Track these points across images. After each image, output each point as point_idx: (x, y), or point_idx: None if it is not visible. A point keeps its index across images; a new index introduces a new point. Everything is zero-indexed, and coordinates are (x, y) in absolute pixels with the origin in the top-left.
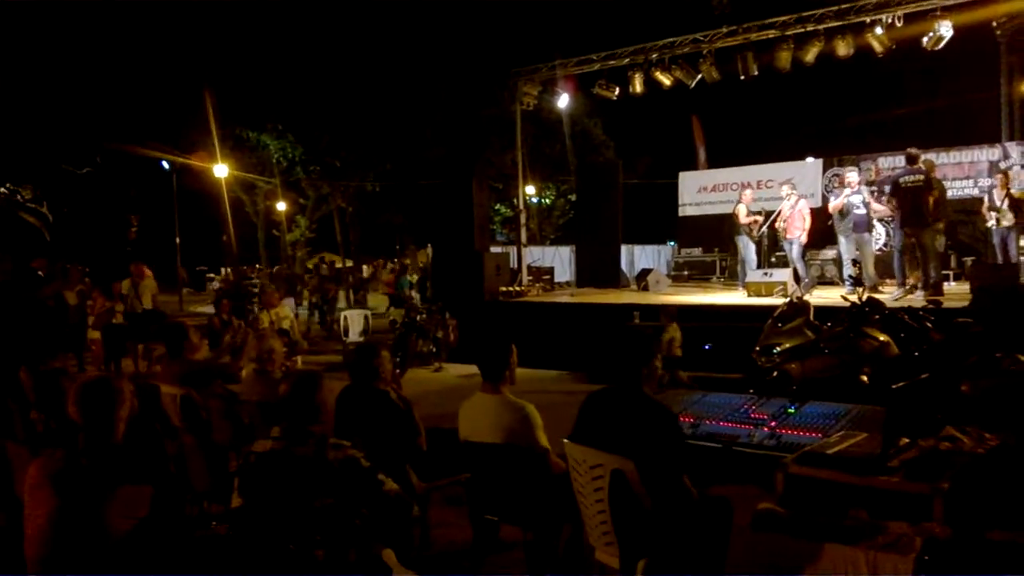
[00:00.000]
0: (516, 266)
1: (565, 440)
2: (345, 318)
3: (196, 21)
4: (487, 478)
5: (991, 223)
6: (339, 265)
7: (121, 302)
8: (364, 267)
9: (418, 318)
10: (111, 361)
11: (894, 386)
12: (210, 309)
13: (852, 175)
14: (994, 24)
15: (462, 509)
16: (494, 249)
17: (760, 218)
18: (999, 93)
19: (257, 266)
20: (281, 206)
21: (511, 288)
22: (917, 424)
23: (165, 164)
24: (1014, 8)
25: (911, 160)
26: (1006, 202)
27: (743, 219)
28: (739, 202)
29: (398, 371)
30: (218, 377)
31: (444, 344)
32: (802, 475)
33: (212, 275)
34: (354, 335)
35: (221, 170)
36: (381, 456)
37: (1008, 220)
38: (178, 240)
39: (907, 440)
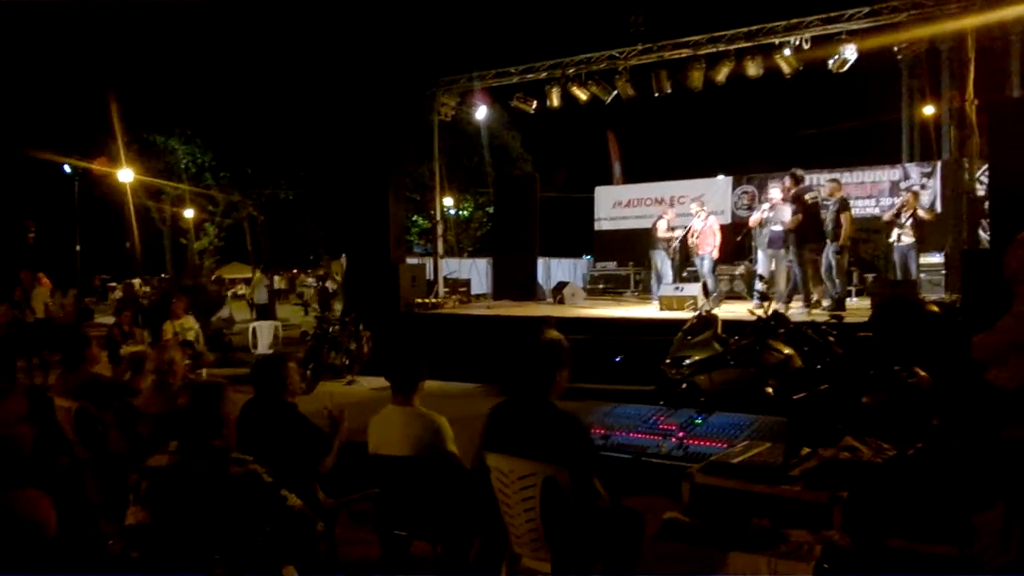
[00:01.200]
0: (432, 278)
1: (487, 452)
2: (254, 330)
3: (101, 23)
4: (396, 492)
5: (893, 239)
6: (248, 276)
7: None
8: (276, 277)
9: (330, 330)
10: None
11: (795, 397)
12: (111, 319)
13: (774, 191)
14: (895, 49)
15: (372, 525)
16: (411, 260)
17: (677, 234)
18: (900, 116)
19: (163, 275)
20: (189, 213)
21: (427, 300)
22: (817, 434)
23: (67, 168)
24: (914, 35)
25: (796, 180)
26: (910, 221)
27: (662, 233)
28: (661, 217)
29: (304, 385)
30: (118, 396)
31: (357, 356)
32: (707, 484)
33: (114, 284)
34: (263, 347)
35: (126, 175)
36: (286, 471)
37: (908, 237)
38: (78, 247)
39: (808, 450)
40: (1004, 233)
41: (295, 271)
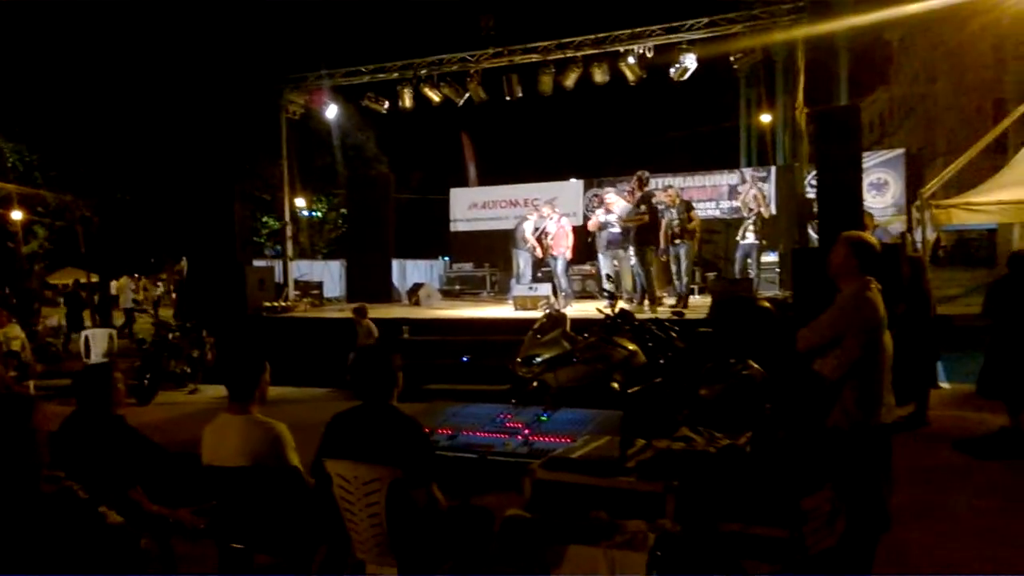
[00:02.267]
0: (282, 280)
1: (327, 459)
2: (87, 338)
3: None
4: (234, 504)
5: (739, 237)
6: (83, 280)
7: None
8: (112, 283)
9: (170, 336)
10: None
11: (629, 391)
12: None
13: (610, 195)
14: (732, 59)
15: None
16: (260, 263)
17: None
18: (739, 123)
19: None
20: (16, 215)
21: (276, 303)
22: (653, 426)
23: None
24: (748, 44)
25: (641, 182)
26: (754, 218)
27: (527, 235)
28: (526, 218)
29: (128, 397)
30: None
31: (201, 364)
32: (548, 480)
33: None
34: (97, 356)
35: None
36: (112, 487)
37: (752, 236)
38: None
39: (644, 442)
40: (830, 233)
41: (136, 276)
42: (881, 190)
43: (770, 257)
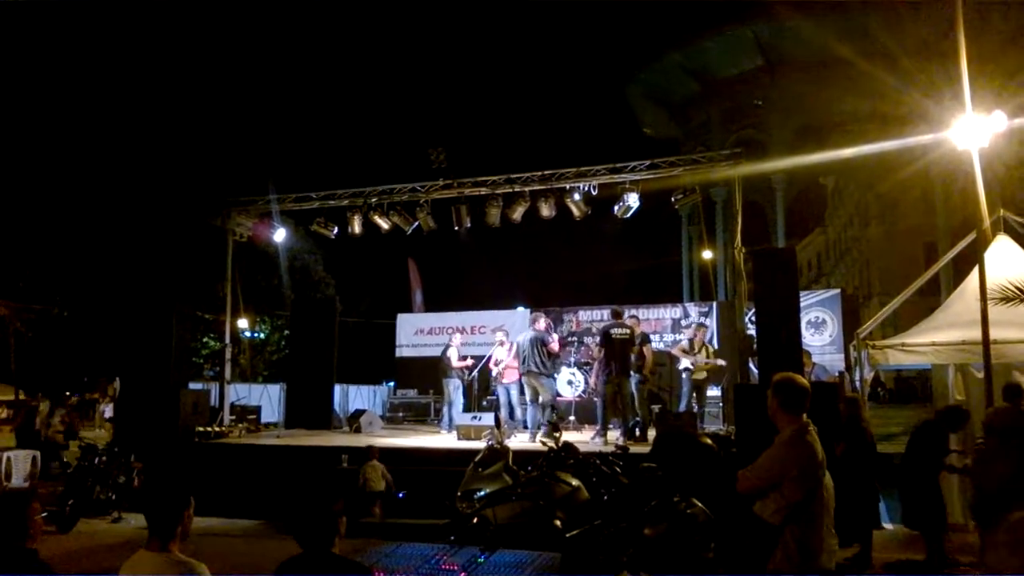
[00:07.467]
0: (218, 404)
1: None
2: (8, 460)
3: None
4: None
5: (686, 363)
6: (10, 397)
7: None
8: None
9: (96, 460)
10: None
11: (568, 535)
12: None
13: (541, 322)
14: (673, 199)
15: None
16: (199, 386)
17: (470, 362)
18: (681, 259)
19: None
20: None
21: (210, 428)
22: (592, 572)
23: None
24: (686, 182)
25: (616, 315)
26: (702, 353)
27: (455, 363)
28: (449, 346)
29: (48, 525)
30: None
31: (127, 491)
32: None
33: None
34: (18, 480)
35: None
36: None
37: (702, 374)
38: None
39: None
40: (770, 369)
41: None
42: (819, 328)
43: (712, 391)
